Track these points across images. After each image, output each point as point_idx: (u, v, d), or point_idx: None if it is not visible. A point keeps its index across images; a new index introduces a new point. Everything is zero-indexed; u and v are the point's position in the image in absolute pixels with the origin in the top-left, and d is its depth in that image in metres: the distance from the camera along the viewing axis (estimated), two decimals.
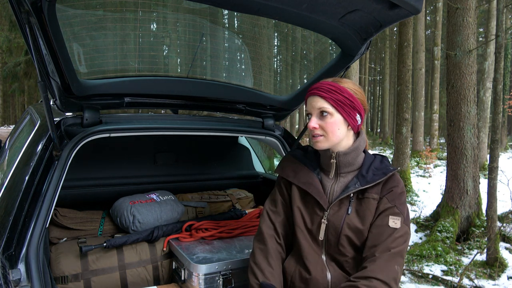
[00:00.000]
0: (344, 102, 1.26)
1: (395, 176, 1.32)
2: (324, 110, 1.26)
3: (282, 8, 1.30)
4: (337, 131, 1.27)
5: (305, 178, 1.36)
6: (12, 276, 1.18)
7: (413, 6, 1.22)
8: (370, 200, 1.28)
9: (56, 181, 1.39)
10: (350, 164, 1.32)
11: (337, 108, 1.26)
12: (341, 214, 1.29)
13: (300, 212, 1.36)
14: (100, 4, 2.01)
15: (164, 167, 2.52)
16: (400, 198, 1.28)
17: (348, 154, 1.31)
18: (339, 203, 1.30)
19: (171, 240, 1.93)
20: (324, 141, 1.29)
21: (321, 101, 1.26)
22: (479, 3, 14.08)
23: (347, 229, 1.27)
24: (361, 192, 1.29)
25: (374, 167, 1.32)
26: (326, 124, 1.26)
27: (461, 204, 4.95)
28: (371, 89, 35.32)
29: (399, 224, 1.24)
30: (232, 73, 2.46)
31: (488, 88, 11.64)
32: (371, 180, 1.27)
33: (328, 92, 1.25)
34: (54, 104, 1.59)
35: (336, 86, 1.26)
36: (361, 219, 1.27)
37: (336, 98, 1.25)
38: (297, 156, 1.44)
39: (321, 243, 1.32)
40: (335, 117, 1.27)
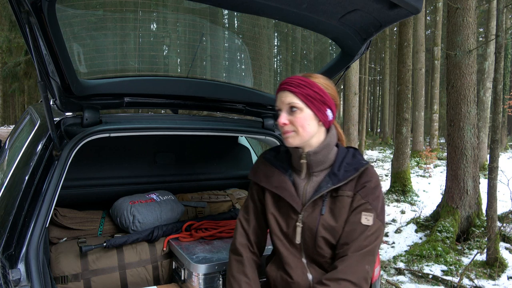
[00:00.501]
0: (314, 97, 1.23)
1: (368, 170, 1.28)
2: (293, 105, 1.23)
3: (282, 8, 1.30)
4: (307, 126, 1.24)
5: (277, 181, 1.33)
6: (12, 276, 1.18)
7: (413, 6, 1.22)
8: (344, 198, 1.25)
9: (56, 181, 1.39)
10: (321, 163, 1.29)
11: (307, 103, 1.23)
12: (315, 216, 1.26)
13: (275, 217, 1.34)
14: (100, 4, 2.01)
15: (164, 167, 2.52)
16: (373, 193, 1.24)
17: (318, 152, 1.28)
18: (312, 204, 1.27)
19: (171, 240, 1.94)
20: (295, 137, 1.25)
21: (290, 96, 1.23)
22: (479, 3, 14.08)
23: (322, 230, 1.25)
24: (335, 190, 1.26)
25: (346, 162, 1.28)
26: (296, 119, 1.23)
27: (461, 204, 4.95)
28: (371, 89, 35.32)
29: (372, 220, 1.21)
30: (232, 73, 2.46)
31: (488, 88, 11.64)
32: (343, 178, 1.25)
33: (297, 87, 1.22)
34: (54, 104, 1.59)
35: (306, 81, 1.23)
36: (335, 218, 1.25)
37: (306, 93, 1.22)
38: (268, 159, 1.40)
39: (299, 246, 1.30)
40: (305, 112, 1.23)
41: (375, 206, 1.23)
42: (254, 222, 1.42)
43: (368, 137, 27.67)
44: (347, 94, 12.54)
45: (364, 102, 19.87)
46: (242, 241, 1.41)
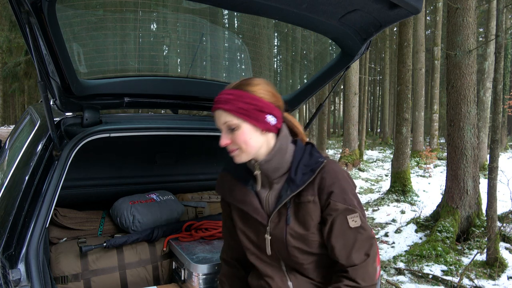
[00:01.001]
0: (248, 109, 1.13)
1: (327, 168, 1.17)
2: (229, 124, 1.14)
3: (282, 8, 1.30)
4: (250, 140, 1.15)
5: (240, 195, 1.27)
6: (12, 276, 1.18)
7: (413, 6, 1.22)
8: (307, 204, 1.17)
9: (56, 181, 1.39)
10: (277, 169, 1.20)
11: (242, 118, 1.13)
12: (282, 226, 1.20)
13: (244, 232, 1.29)
14: (100, 4, 2.01)
15: (164, 167, 2.52)
16: (346, 192, 1.16)
17: (270, 160, 1.19)
18: (277, 214, 1.21)
19: (171, 240, 1.94)
20: (241, 155, 1.17)
21: (223, 114, 1.14)
22: (479, 3, 14.08)
23: (292, 240, 1.19)
24: (297, 197, 1.18)
25: (303, 164, 1.19)
26: (236, 137, 1.15)
27: (461, 204, 4.95)
28: (371, 89, 35.33)
29: (359, 220, 1.15)
30: (232, 73, 2.46)
31: (488, 88, 11.64)
32: (301, 183, 1.16)
33: (226, 103, 1.13)
34: (54, 104, 1.59)
35: (234, 94, 1.14)
36: (303, 225, 1.18)
37: (237, 107, 1.12)
38: (229, 171, 1.34)
39: (275, 256, 1.25)
40: (243, 128, 1.14)
41: (354, 204, 1.16)
42: (229, 239, 1.40)
43: (368, 137, 27.68)
44: (347, 94, 12.55)
45: (364, 102, 19.88)
46: (222, 254, 1.45)
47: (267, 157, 1.19)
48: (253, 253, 1.29)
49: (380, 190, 8.82)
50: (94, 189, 2.29)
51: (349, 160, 11.90)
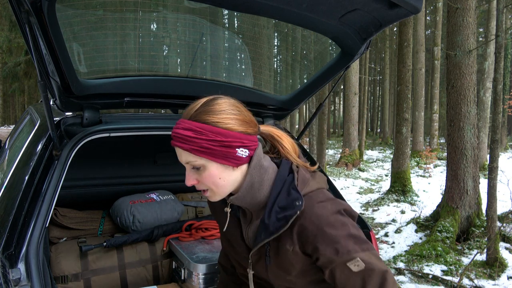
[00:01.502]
0: (212, 147, 0.93)
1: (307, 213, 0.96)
2: (193, 164, 0.97)
3: (282, 8, 1.30)
4: (219, 181, 0.97)
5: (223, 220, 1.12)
6: (12, 276, 1.18)
7: (413, 5, 1.22)
8: (286, 252, 1.00)
9: (56, 181, 1.39)
10: (251, 206, 1.03)
11: (207, 158, 0.94)
12: (262, 264, 1.06)
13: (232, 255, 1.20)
14: (100, 4, 2.01)
15: (164, 167, 2.52)
16: (335, 241, 0.94)
17: (242, 198, 1.01)
18: (257, 251, 1.05)
19: (171, 240, 1.94)
20: (214, 195, 1.01)
21: (184, 154, 0.96)
22: (479, 3, 14.08)
23: (275, 279, 1.07)
24: (275, 240, 1.01)
25: (279, 205, 0.98)
26: (203, 178, 0.98)
27: (461, 204, 4.95)
28: (371, 89, 35.33)
29: (362, 263, 0.95)
30: (232, 73, 2.46)
31: (488, 88, 11.64)
32: (274, 229, 0.97)
33: (186, 142, 0.93)
34: (54, 104, 1.59)
35: (194, 129, 0.92)
36: (284, 270, 1.03)
37: (200, 146, 0.93)
38: None
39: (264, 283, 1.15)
40: (209, 169, 0.96)
41: (350, 250, 0.95)
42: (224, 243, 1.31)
43: (368, 137, 27.68)
44: (347, 94, 12.56)
45: (364, 102, 19.88)
46: (220, 260, 1.40)
47: (238, 194, 1.01)
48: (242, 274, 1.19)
49: (380, 190, 8.82)
50: (94, 189, 2.29)
51: (349, 160, 11.91)
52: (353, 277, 0.96)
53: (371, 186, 9.57)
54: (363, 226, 1.81)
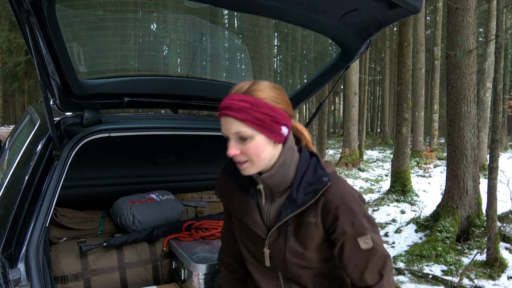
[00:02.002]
0: (264, 120, 1.02)
1: (332, 189, 1.08)
2: (241, 135, 1.02)
3: (282, 8, 1.30)
4: (262, 153, 1.05)
5: (240, 205, 1.19)
6: (12, 276, 1.18)
7: (413, 5, 1.22)
8: (308, 225, 1.09)
9: (56, 181, 1.39)
10: (280, 184, 1.12)
11: (257, 129, 1.02)
12: (281, 242, 1.14)
13: (243, 242, 1.24)
14: (100, 4, 2.01)
15: (164, 167, 2.52)
16: (354, 214, 1.06)
17: (274, 175, 1.10)
18: (277, 230, 1.13)
19: (171, 240, 1.94)
20: (251, 167, 1.07)
21: (235, 124, 1.02)
22: (479, 3, 14.08)
23: (291, 257, 1.13)
24: (298, 216, 1.10)
25: (306, 181, 1.09)
26: (247, 149, 1.04)
27: (461, 204, 4.95)
28: (371, 89, 35.33)
29: (370, 241, 1.07)
30: (232, 73, 2.46)
31: (488, 88, 11.64)
32: (302, 203, 1.07)
33: (241, 112, 1.01)
34: (54, 104, 1.59)
35: (250, 101, 1.01)
36: (302, 245, 1.12)
37: (253, 117, 1.01)
38: (230, 175, 1.24)
39: (273, 267, 1.20)
40: (256, 139, 1.03)
41: (364, 226, 1.07)
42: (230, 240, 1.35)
43: (368, 137, 27.68)
44: (347, 94, 12.55)
45: (364, 102, 19.88)
46: (220, 257, 1.41)
47: (270, 171, 1.10)
48: (250, 262, 1.25)
49: (380, 190, 8.82)
50: (94, 189, 2.29)
51: (349, 160, 11.90)
52: (360, 253, 1.07)
53: (371, 186, 9.57)
54: None
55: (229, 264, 1.38)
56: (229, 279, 1.37)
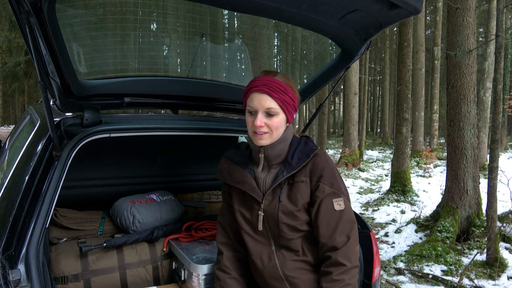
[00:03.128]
0: (289, 103, 1.29)
1: (319, 155, 1.34)
2: (271, 110, 1.27)
3: (282, 8, 1.30)
4: (280, 129, 1.32)
5: (239, 177, 1.40)
6: (12, 277, 1.18)
7: (413, 6, 1.22)
8: (300, 184, 1.32)
9: (56, 181, 1.39)
10: (278, 156, 1.36)
11: (283, 109, 1.29)
12: (275, 203, 1.33)
13: (240, 212, 1.41)
14: (100, 4, 2.01)
15: (164, 167, 2.52)
16: (334, 177, 1.31)
17: (275, 146, 1.34)
18: (272, 192, 1.34)
19: (171, 240, 1.93)
20: (268, 138, 1.31)
21: (269, 100, 1.26)
22: (479, 3, 14.08)
23: (282, 216, 1.32)
24: (291, 178, 1.33)
25: (299, 150, 1.35)
26: (272, 123, 1.28)
27: (461, 204, 4.95)
28: (371, 89, 35.32)
29: (343, 203, 1.30)
30: (232, 73, 2.46)
31: (488, 88, 11.64)
32: (296, 165, 1.31)
33: (277, 92, 1.26)
34: (54, 104, 1.59)
35: (283, 86, 1.28)
36: (293, 202, 1.32)
37: (283, 99, 1.27)
38: (230, 157, 1.47)
39: (266, 233, 1.38)
40: (280, 116, 1.29)
41: (341, 190, 1.32)
42: (228, 218, 1.49)
43: (368, 137, 27.68)
44: (347, 94, 12.55)
45: (364, 102, 19.87)
46: (220, 240, 1.51)
47: (273, 144, 1.33)
48: (246, 231, 1.41)
49: (380, 190, 8.82)
50: (94, 189, 2.29)
51: (349, 160, 11.90)
52: (333, 213, 1.30)
53: (371, 186, 9.57)
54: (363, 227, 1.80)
55: (229, 244, 1.50)
56: (231, 257, 1.48)
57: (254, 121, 1.28)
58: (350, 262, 1.27)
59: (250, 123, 1.31)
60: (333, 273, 1.26)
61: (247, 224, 1.41)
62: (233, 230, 1.49)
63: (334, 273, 1.26)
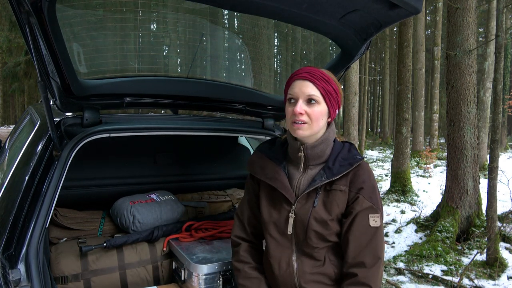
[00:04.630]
0: (332, 94, 1.25)
1: (363, 166, 1.28)
2: (313, 97, 1.22)
3: (282, 8, 1.30)
4: (320, 120, 1.25)
5: (271, 173, 1.33)
6: (12, 276, 1.18)
7: (413, 6, 1.22)
8: (337, 192, 1.26)
9: (56, 181, 1.39)
10: (318, 157, 1.30)
11: (325, 98, 1.24)
12: (307, 207, 1.27)
13: (268, 208, 1.35)
14: (100, 4, 2.01)
15: (164, 167, 2.52)
16: (374, 192, 1.26)
17: (316, 146, 1.28)
18: (306, 196, 1.28)
19: (171, 240, 1.93)
20: (307, 129, 1.24)
21: (311, 87, 1.22)
22: (479, 3, 14.07)
23: (314, 223, 1.25)
24: (329, 184, 1.27)
25: (341, 157, 1.29)
26: (312, 111, 1.22)
27: (461, 204, 4.95)
28: (371, 89, 35.31)
29: (379, 221, 1.24)
30: (232, 73, 2.46)
31: (488, 88, 11.64)
32: (337, 172, 1.25)
33: (320, 80, 1.22)
34: (54, 104, 1.59)
35: (326, 76, 1.24)
36: (327, 210, 1.26)
37: (326, 88, 1.23)
38: (263, 151, 1.41)
39: (290, 238, 1.31)
40: (321, 107, 1.24)
41: (379, 206, 1.25)
42: (248, 213, 1.44)
43: (368, 137, 27.66)
44: (347, 94, 12.52)
45: (364, 102, 19.87)
46: (237, 233, 1.46)
47: (314, 143, 1.28)
48: (270, 232, 1.34)
49: (380, 190, 8.83)
50: (94, 189, 2.28)
51: None
52: (367, 229, 1.23)
53: None
54: None
55: (246, 238, 1.45)
56: (248, 247, 1.45)
57: (294, 109, 1.22)
58: (373, 285, 1.21)
59: (290, 112, 1.25)
60: None
61: (273, 225, 1.33)
62: (251, 225, 1.44)
63: None
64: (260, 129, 2.07)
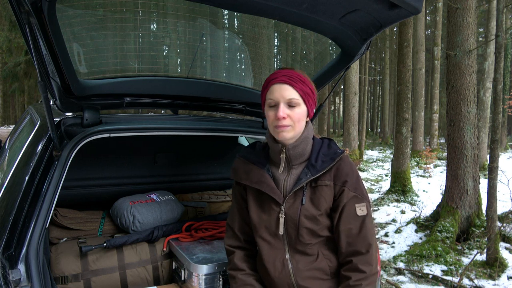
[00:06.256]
0: (310, 94, 1.28)
1: (344, 159, 1.32)
2: (294, 100, 1.25)
3: (282, 8, 1.30)
4: (302, 121, 1.29)
5: (256, 177, 1.35)
6: (12, 277, 1.18)
7: (413, 6, 1.22)
8: (323, 187, 1.29)
9: (56, 181, 1.39)
10: (300, 155, 1.32)
11: (304, 100, 1.27)
12: (296, 206, 1.29)
13: (257, 212, 1.36)
14: (100, 4, 2.01)
15: (164, 167, 2.52)
16: (358, 183, 1.30)
17: (297, 146, 1.31)
18: (293, 195, 1.30)
19: (171, 240, 1.94)
20: (291, 131, 1.27)
21: (291, 90, 1.25)
22: (479, 3, 14.08)
23: (304, 220, 1.28)
24: (314, 181, 1.30)
25: (323, 153, 1.32)
26: (294, 114, 1.26)
27: (461, 204, 4.95)
28: (371, 89, 35.31)
29: (365, 209, 1.28)
30: (232, 73, 2.46)
31: (488, 88, 11.63)
32: (321, 168, 1.28)
33: (298, 83, 1.25)
34: (54, 104, 1.59)
35: (303, 77, 1.27)
36: (316, 206, 1.29)
37: (304, 90, 1.26)
38: (246, 157, 1.43)
39: (282, 238, 1.33)
40: (302, 108, 1.27)
41: (364, 195, 1.30)
42: (239, 220, 1.45)
43: (368, 137, 27.67)
44: (347, 94, 12.54)
45: (364, 102, 19.87)
46: (230, 242, 1.47)
47: (294, 143, 1.30)
48: (261, 235, 1.35)
49: (380, 190, 8.82)
50: (94, 189, 2.29)
51: None
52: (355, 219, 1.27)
53: (371, 186, 9.56)
54: None
55: (239, 246, 1.46)
56: (242, 256, 1.45)
57: (276, 114, 1.24)
58: (370, 269, 1.26)
59: (271, 117, 1.27)
60: (352, 279, 1.25)
61: (264, 228, 1.35)
62: (243, 233, 1.45)
63: (353, 278, 1.25)
64: (260, 129, 2.08)
